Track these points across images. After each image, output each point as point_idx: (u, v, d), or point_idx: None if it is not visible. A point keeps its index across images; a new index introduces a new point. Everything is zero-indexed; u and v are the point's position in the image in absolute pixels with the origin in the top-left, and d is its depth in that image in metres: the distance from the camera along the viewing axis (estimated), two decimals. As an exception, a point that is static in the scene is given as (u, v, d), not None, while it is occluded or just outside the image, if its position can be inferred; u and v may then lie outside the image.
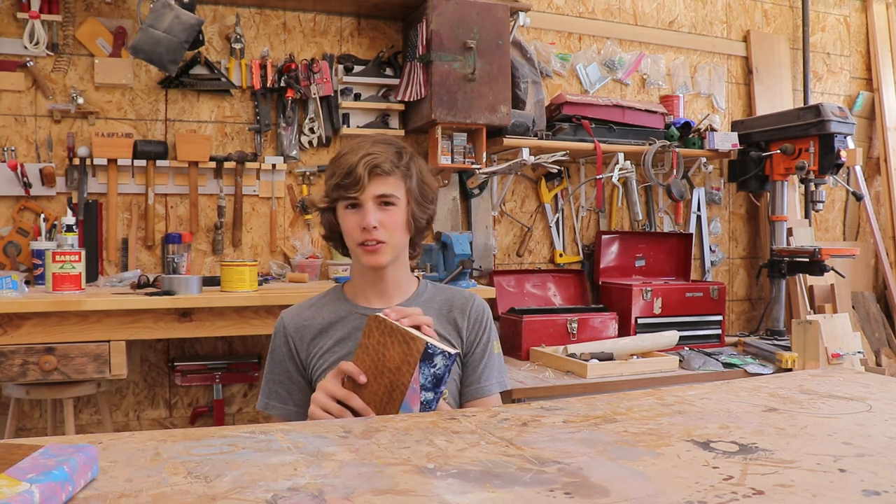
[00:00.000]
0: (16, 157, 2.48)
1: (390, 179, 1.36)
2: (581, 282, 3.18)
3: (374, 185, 1.34)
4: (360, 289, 1.47)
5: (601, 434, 0.96)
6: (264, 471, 0.79)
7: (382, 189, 1.35)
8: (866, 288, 3.74)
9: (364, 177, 1.33)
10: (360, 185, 1.33)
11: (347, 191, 1.34)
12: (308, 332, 1.44)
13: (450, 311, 1.46)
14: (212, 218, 2.72)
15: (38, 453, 0.74)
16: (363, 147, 1.36)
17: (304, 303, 1.50)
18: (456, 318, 1.45)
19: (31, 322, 2.00)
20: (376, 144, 1.37)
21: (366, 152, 1.34)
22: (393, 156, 1.37)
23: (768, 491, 0.73)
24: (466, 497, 0.72)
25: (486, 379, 1.44)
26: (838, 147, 2.92)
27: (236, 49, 2.70)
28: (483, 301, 1.50)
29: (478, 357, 1.45)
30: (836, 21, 3.88)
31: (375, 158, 1.34)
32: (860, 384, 1.29)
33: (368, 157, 1.34)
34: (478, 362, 1.44)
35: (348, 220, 1.37)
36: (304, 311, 1.47)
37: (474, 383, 1.44)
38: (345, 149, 1.39)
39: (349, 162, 1.34)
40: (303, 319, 1.45)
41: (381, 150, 1.36)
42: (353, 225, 1.36)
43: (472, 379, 1.44)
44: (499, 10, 2.73)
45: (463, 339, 1.44)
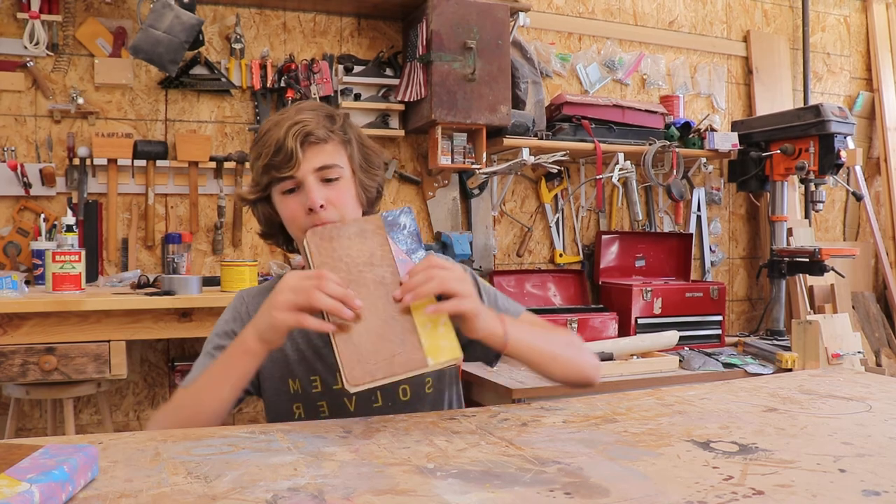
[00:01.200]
0: (16, 157, 2.48)
1: (327, 147, 1.15)
2: (581, 282, 3.18)
3: (311, 156, 1.13)
4: None
5: (601, 434, 0.96)
6: (264, 471, 0.79)
7: (321, 160, 1.14)
8: (866, 288, 3.74)
9: (296, 150, 1.11)
10: (295, 161, 1.11)
11: (280, 170, 1.12)
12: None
13: None
14: (212, 218, 2.72)
15: (38, 453, 0.75)
16: (288, 117, 1.15)
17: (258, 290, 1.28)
18: None
19: (31, 322, 1.99)
20: (302, 111, 1.16)
21: (292, 121, 1.13)
22: (325, 120, 1.16)
23: (768, 491, 0.73)
24: (467, 497, 0.72)
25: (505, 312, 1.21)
26: (838, 147, 2.92)
27: (236, 49, 2.70)
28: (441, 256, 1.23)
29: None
30: (836, 21, 3.88)
31: (305, 126, 1.13)
32: (860, 384, 1.29)
33: (296, 125, 1.12)
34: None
35: (288, 205, 1.15)
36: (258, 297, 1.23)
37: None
38: (267, 124, 1.17)
39: (275, 137, 1.13)
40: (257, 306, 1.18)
41: (310, 117, 1.15)
42: (296, 209, 1.14)
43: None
44: (499, 10, 2.73)
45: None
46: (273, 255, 2.80)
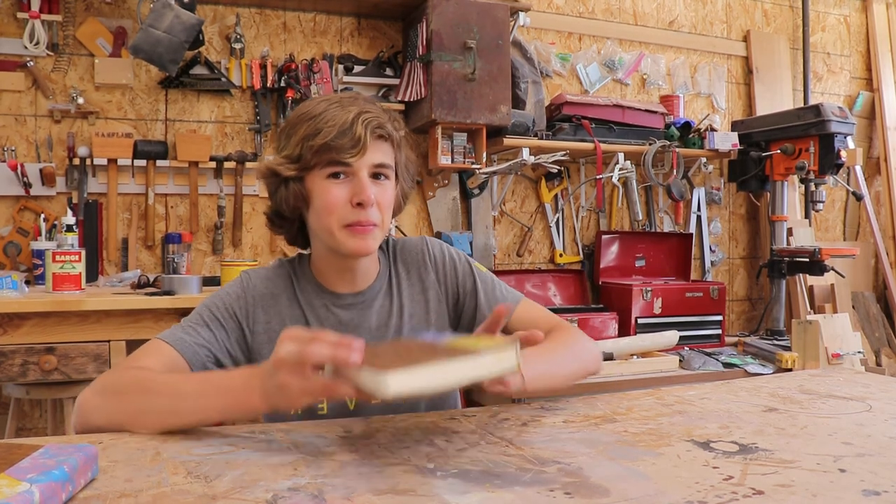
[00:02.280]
0: (16, 156, 2.48)
1: (386, 147, 1.10)
2: (581, 282, 3.18)
3: (374, 150, 1.07)
4: (324, 273, 1.19)
5: (601, 434, 0.96)
6: (264, 471, 0.79)
7: (381, 157, 1.09)
8: (866, 288, 3.74)
9: (366, 137, 1.05)
10: (360, 147, 1.05)
11: (341, 153, 1.04)
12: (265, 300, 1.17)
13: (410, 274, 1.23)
14: (212, 218, 2.72)
15: (38, 453, 0.74)
16: (355, 103, 1.08)
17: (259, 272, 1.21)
18: (421, 277, 1.23)
19: (31, 322, 1.99)
20: (367, 102, 1.10)
21: (361, 108, 1.06)
22: (388, 118, 1.10)
23: (768, 491, 0.73)
24: (467, 497, 0.72)
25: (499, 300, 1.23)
26: (838, 147, 2.92)
27: (236, 49, 2.70)
28: (435, 241, 1.27)
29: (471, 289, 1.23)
30: (837, 21, 3.88)
31: (377, 118, 1.07)
32: (860, 384, 1.29)
33: (367, 114, 1.06)
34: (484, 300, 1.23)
35: (331, 192, 1.07)
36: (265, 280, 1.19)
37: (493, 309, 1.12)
38: (319, 105, 1.08)
39: (341, 118, 1.05)
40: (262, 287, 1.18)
41: (377, 110, 1.09)
42: (340, 199, 1.07)
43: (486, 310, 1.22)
44: (499, 9, 2.73)
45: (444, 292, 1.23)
46: (273, 254, 2.79)
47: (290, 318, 1.17)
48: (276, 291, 1.18)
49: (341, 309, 1.19)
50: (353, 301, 1.20)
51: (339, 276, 1.19)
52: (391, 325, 1.21)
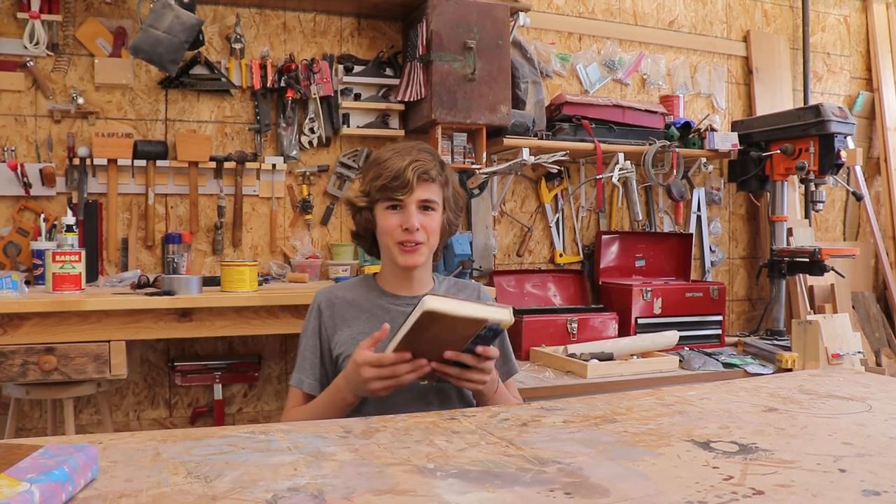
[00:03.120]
0: (16, 157, 2.48)
1: (433, 186, 1.45)
2: (581, 282, 3.18)
3: (420, 189, 1.43)
4: (389, 282, 1.54)
5: (601, 434, 0.96)
6: (264, 471, 0.79)
7: (427, 194, 1.44)
8: (866, 288, 3.74)
9: (413, 181, 1.41)
10: (408, 188, 1.41)
11: (395, 192, 1.42)
12: (339, 304, 1.52)
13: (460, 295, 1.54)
14: (212, 218, 2.72)
15: (38, 453, 0.74)
16: (410, 152, 1.45)
17: (339, 284, 1.61)
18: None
19: (31, 322, 1.99)
20: (422, 152, 1.46)
21: (413, 158, 1.43)
22: (437, 164, 1.47)
23: (768, 491, 0.73)
24: (467, 497, 0.72)
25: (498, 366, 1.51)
26: (838, 147, 2.92)
27: (236, 49, 2.70)
28: (486, 291, 1.64)
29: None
30: (836, 21, 3.88)
31: (424, 165, 1.43)
32: (860, 384, 1.29)
33: (417, 163, 1.43)
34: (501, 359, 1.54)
35: (388, 219, 1.45)
36: (337, 291, 1.55)
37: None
38: (385, 153, 1.47)
39: (397, 166, 1.42)
40: (333, 294, 1.54)
41: (427, 158, 1.45)
42: (393, 224, 1.44)
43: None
44: (499, 10, 2.73)
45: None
46: (273, 255, 2.80)
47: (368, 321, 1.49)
48: (340, 293, 1.55)
49: (395, 306, 1.51)
50: (411, 302, 1.47)
51: (399, 284, 1.53)
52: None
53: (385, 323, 1.30)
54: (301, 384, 1.48)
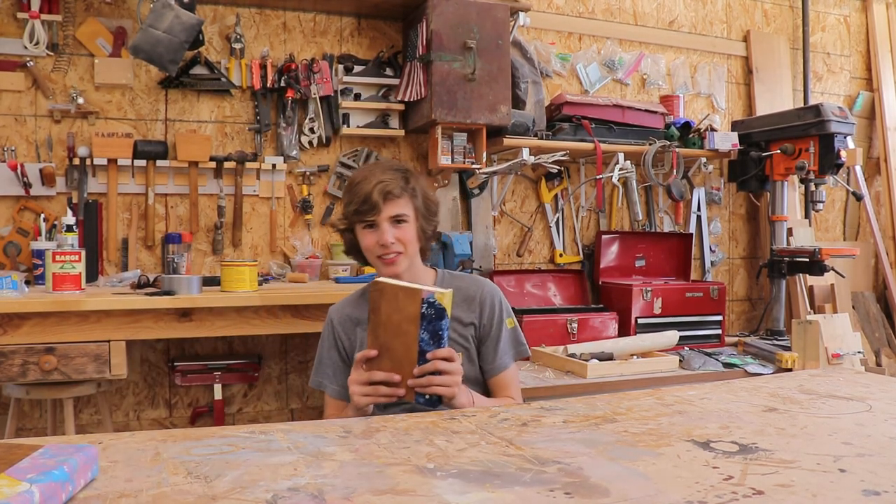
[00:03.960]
0: (16, 157, 2.48)
1: (400, 201, 1.58)
2: (581, 282, 3.18)
3: (388, 207, 1.56)
4: None
5: (601, 434, 0.96)
6: (264, 471, 0.79)
7: (395, 210, 1.57)
8: (866, 288, 3.74)
9: (379, 202, 1.55)
10: (377, 210, 1.55)
11: (365, 215, 1.56)
12: (350, 322, 1.66)
13: (463, 301, 1.64)
14: (212, 218, 2.72)
15: (38, 453, 0.74)
16: (374, 175, 1.58)
17: (347, 299, 1.73)
18: (469, 306, 1.65)
19: (31, 322, 1.99)
20: (386, 171, 1.59)
21: (378, 180, 1.56)
22: (401, 181, 1.58)
23: (768, 491, 0.73)
24: (467, 497, 0.72)
25: (500, 357, 1.64)
26: (838, 147, 2.92)
27: (236, 49, 2.70)
28: (492, 287, 1.70)
29: (493, 338, 1.64)
30: (836, 21, 3.88)
31: (388, 185, 1.55)
32: (860, 384, 1.29)
33: (381, 184, 1.55)
34: (494, 342, 1.64)
35: (367, 238, 1.59)
36: (346, 308, 1.69)
37: (491, 362, 1.64)
38: (357, 177, 1.61)
39: (365, 191, 1.55)
40: (344, 313, 1.68)
41: (391, 177, 1.57)
42: (372, 242, 1.59)
43: (490, 358, 1.64)
44: (499, 9, 2.73)
45: (478, 325, 1.64)
46: (273, 255, 2.80)
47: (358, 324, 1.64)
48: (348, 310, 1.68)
49: None
50: None
51: None
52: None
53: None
54: (323, 387, 1.66)
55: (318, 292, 2.28)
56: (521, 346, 1.68)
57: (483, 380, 1.66)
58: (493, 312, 1.65)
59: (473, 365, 1.63)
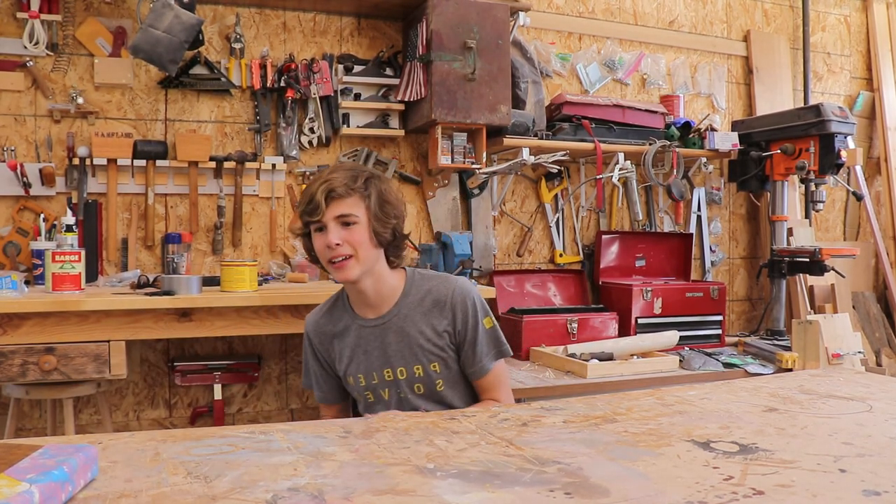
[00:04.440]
0: (15, 156, 2.48)
1: (347, 201, 1.50)
2: (581, 282, 3.18)
3: (333, 207, 1.49)
4: (352, 300, 1.64)
5: (601, 434, 0.96)
6: (264, 471, 0.79)
7: (340, 210, 1.50)
8: (867, 288, 3.74)
9: (322, 202, 1.48)
10: (320, 210, 1.48)
11: (311, 216, 1.50)
12: (325, 337, 1.66)
13: (433, 307, 1.59)
14: (212, 218, 2.72)
15: (37, 453, 0.74)
16: (324, 176, 1.53)
17: (320, 309, 1.69)
18: (441, 312, 1.59)
19: (30, 322, 1.99)
20: (335, 171, 1.53)
21: (323, 180, 1.51)
22: (348, 179, 1.51)
23: (768, 491, 0.73)
24: (467, 497, 0.72)
25: (479, 359, 1.59)
26: (838, 147, 2.92)
27: (236, 49, 2.70)
28: (463, 287, 1.62)
29: (470, 341, 1.59)
30: (837, 21, 3.88)
31: (331, 184, 1.49)
32: (860, 384, 1.29)
33: (325, 183, 1.49)
34: (472, 346, 1.59)
35: (317, 241, 1.53)
36: (320, 322, 1.67)
37: (472, 366, 1.60)
38: (311, 179, 1.60)
39: (310, 191, 1.51)
40: (319, 327, 1.67)
41: (338, 176, 1.51)
42: (321, 245, 1.52)
43: (470, 362, 1.60)
44: (499, 9, 2.73)
45: (452, 331, 1.59)
46: (273, 255, 2.80)
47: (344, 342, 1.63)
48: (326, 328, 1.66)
49: (367, 329, 1.61)
50: (376, 323, 1.60)
51: (360, 301, 1.61)
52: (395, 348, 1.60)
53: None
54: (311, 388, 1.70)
55: (318, 292, 2.28)
56: (501, 346, 1.63)
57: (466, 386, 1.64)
58: (466, 315, 1.58)
59: (451, 371, 1.60)
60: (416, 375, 1.59)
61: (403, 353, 1.59)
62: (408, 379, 1.59)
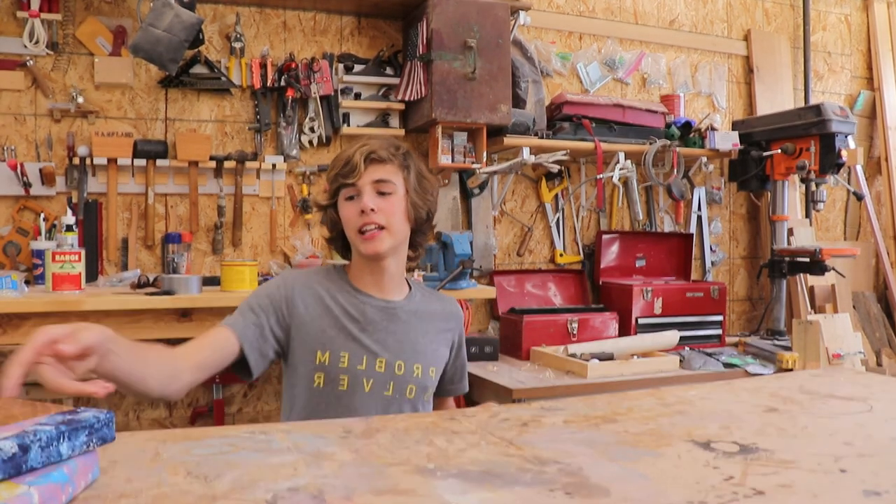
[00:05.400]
0: (15, 156, 2.48)
1: (387, 167, 1.41)
2: (581, 282, 3.18)
3: (371, 171, 1.40)
4: (359, 278, 1.49)
5: (601, 434, 0.96)
6: (264, 471, 0.79)
7: (379, 174, 1.40)
8: (867, 288, 3.74)
9: (360, 163, 1.38)
10: (357, 172, 1.38)
11: (346, 178, 1.39)
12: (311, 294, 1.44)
13: (441, 314, 1.56)
14: (212, 217, 2.72)
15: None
16: (362, 143, 1.44)
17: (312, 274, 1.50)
18: (447, 322, 1.56)
19: (30, 322, 1.99)
20: (374, 139, 1.45)
21: (362, 144, 1.43)
22: (389, 146, 1.43)
23: (769, 491, 0.73)
24: (467, 497, 0.72)
25: (462, 377, 1.62)
26: (839, 146, 2.92)
27: (236, 48, 2.70)
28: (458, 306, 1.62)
29: (460, 360, 1.60)
30: (837, 20, 3.87)
31: (371, 147, 1.41)
32: (861, 384, 1.29)
33: (364, 146, 1.41)
34: (460, 366, 1.60)
35: (348, 209, 1.41)
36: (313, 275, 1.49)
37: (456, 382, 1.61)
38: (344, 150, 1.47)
39: (347, 154, 1.42)
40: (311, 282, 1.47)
41: (379, 143, 1.43)
42: (352, 212, 1.40)
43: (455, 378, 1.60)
44: (499, 9, 2.72)
45: (452, 344, 1.58)
46: (273, 254, 2.79)
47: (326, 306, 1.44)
48: (313, 285, 1.46)
49: (373, 308, 1.45)
50: (385, 305, 1.47)
51: (371, 280, 1.47)
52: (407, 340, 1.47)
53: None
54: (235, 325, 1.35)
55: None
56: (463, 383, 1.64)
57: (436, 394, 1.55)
58: (462, 334, 1.59)
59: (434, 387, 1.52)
60: (414, 376, 1.45)
61: (405, 348, 1.45)
62: (404, 377, 1.43)
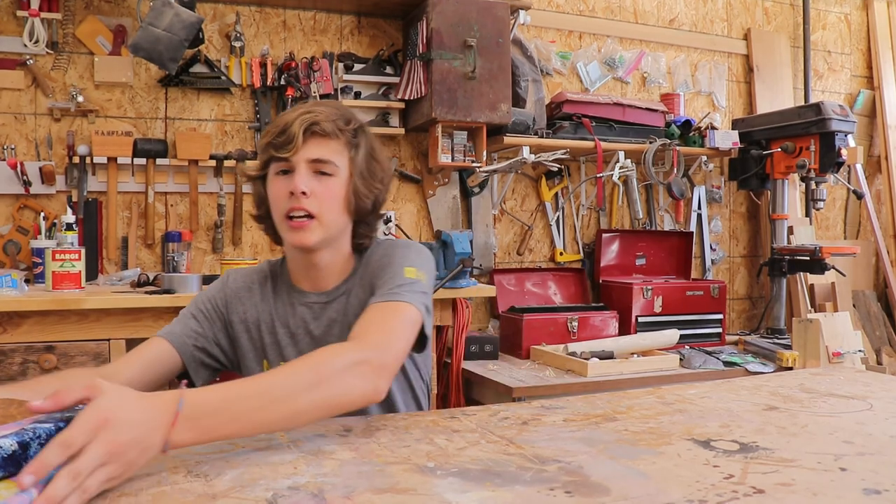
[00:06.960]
0: (15, 155, 2.48)
1: (331, 144, 1.16)
2: (581, 280, 3.18)
3: (310, 145, 1.15)
4: (293, 271, 1.28)
5: (601, 433, 0.96)
6: (264, 469, 0.79)
7: (319, 152, 1.15)
8: (867, 286, 3.74)
9: (298, 135, 1.13)
10: (294, 145, 1.13)
11: (279, 150, 1.14)
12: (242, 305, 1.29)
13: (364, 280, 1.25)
14: (212, 216, 2.72)
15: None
16: (305, 108, 1.18)
17: (250, 275, 1.33)
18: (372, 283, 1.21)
19: (30, 321, 1.99)
20: (321, 105, 1.20)
21: (305, 110, 1.16)
22: (339, 117, 1.18)
23: (769, 490, 0.73)
24: (467, 496, 0.72)
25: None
26: (839, 145, 2.92)
27: (236, 47, 2.70)
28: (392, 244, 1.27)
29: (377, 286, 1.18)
30: (837, 19, 3.87)
31: (315, 116, 1.15)
32: (861, 383, 1.29)
33: (307, 115, 1.15)
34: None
35: (276, 186, 1.17)
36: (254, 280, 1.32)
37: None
38: (288, 111, 1.21)
39: (285, 120, 1.16)
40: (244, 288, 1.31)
41: (324, 111, 1.17)
42: (281, 191, 1.16)
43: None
44: (499, 8, 2.72)
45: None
46: (273, 253, 2.79)
47: (261, 311, 1.29)
48: (251, 286, 1.31)
49: (303, 307, 1.27)
50: (315, 300, 1.27)
51: (304, 274, 1.27)
52: (333, 333, 1.24)
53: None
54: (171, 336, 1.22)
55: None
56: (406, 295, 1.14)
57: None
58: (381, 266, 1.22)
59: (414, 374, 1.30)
60: None
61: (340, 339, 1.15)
62: None
